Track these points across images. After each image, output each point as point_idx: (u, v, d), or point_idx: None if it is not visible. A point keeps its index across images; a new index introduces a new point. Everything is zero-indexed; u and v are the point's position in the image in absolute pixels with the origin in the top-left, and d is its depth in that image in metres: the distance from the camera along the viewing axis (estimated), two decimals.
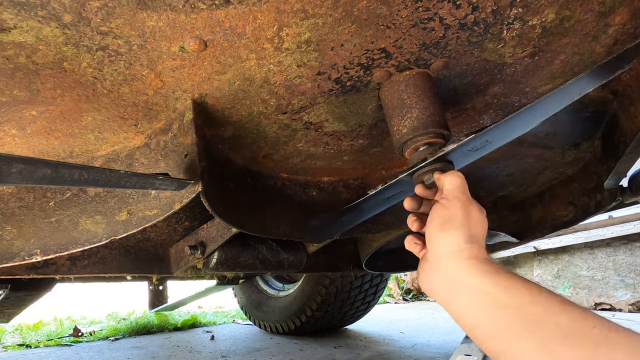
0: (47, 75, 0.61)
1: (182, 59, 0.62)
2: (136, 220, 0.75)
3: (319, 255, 1.49)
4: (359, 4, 0.57)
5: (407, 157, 0.74)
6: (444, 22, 0.63)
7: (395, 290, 4.85)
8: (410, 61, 0.70)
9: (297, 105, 0.77)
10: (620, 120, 0.93)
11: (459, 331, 2.43)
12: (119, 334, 2.67)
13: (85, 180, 0.53)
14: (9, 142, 0.75)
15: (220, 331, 2.75)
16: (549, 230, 1.39)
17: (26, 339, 2.46)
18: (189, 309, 3.64)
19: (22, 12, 0.51)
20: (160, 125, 0.77)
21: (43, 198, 0.83)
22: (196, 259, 1.05)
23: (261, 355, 1.92)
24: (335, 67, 0.69)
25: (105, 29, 0.55)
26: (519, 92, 0.85)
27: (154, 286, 2.68)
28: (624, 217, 3.07)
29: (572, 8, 0.65)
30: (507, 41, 0.69)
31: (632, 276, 3.00)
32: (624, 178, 1.10)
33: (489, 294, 0.51)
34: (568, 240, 3.31)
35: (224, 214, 0.79)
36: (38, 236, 0.79)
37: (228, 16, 0.56)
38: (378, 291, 2.26)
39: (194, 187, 0.68)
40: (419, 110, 0.70)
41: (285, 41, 0.62)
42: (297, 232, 1.02)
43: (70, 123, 0.73)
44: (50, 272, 0.99)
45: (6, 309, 1.41)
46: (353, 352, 1.95)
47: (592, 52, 0.77)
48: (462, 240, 0.56)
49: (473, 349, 1.78)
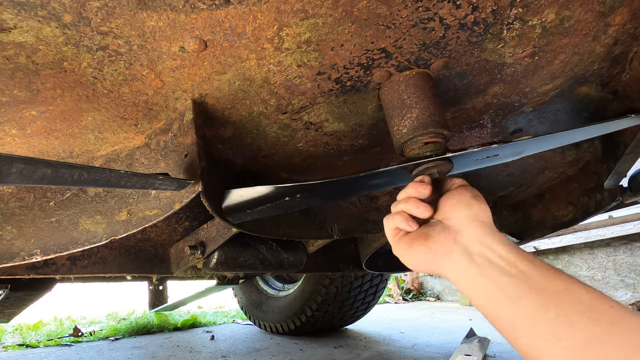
0: (47, 75, 0.61)
1: (182, 59, 0.62)
2: (136, 220, 0.75)
3: (319, 255, 1.50)
4: (359, 4, 0.57)
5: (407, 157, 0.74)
6: (444, 22, 0.63)
7: (395, 290, 4.85)
8: (410, 61, 0.70)
9: (297, 105, 0.77)
10: None
11: (459, 331, 2.43)
12: (119, 334, 2.67)
13: (85, 180, 0.53)
14: (9, 142, 0.75)
15: (220, 331, 2.75)
16: (549, 230, 1.39)
17: (26, 339, 2.46)
18: (189, 309, 3.64)
19: (22, 12, 0.51)
20: (160, 125, 0.77)
21: (43, 198, 0.83)
22: (196, 259, 1.05)
23: (261, 355, 1.92)
24: (335, 67, 0.69)
25: (105, 29, 0.55)
26: (519, 92, 0.85)
27: (154, 286, 2.68)
28: (624, 217, 3.07)
29: (572, 8, 0.65)
30: (507, 41, 0.69)
31: (632, 276, 3.00)
32: (624, 178, 1.10)
33: (519, 263, 0.52)
34: (568, 240, 3.31)
35: (224, 214, 0.79)
36: (38, 236, 0.79)
37: (228, 16, 0.56)
38: (378, 291, 2.26)
39: (194, 187, 0.68)
40: (419, 110, 0.71)
41: (285, 41, 0.62)
42: (296, 231, 1.02)
43: (70, 123, 0.73)
44: (50, 272, 0.99)
45: (6, 309, 1.41)
46: (353, 352, 1.95)
47: (592, 52, 0.77)
48: (490, 214, 0.60)
49: (473, 349, 1.78)
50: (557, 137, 0.75)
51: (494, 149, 0.67)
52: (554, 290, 0.47)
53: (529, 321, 0.47)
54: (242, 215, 0.76)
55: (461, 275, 0.56)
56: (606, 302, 0.44)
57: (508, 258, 0.53)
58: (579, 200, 1.28)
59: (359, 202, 1.20)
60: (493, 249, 0.55)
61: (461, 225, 0.59)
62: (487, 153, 0.69)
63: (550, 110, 0.96)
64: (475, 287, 0.54)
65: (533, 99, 0.89)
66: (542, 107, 0.93)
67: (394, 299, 4.69)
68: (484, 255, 0.55)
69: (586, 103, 0.95)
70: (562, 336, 0.44)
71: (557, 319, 0.45)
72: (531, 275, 0.50)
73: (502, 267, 0.52)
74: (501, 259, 0.53)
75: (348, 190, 0.72)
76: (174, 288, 3.03)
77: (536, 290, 0.48)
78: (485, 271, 0.53)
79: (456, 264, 0.57)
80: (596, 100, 0.95)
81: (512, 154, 0.74)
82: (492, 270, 0.53)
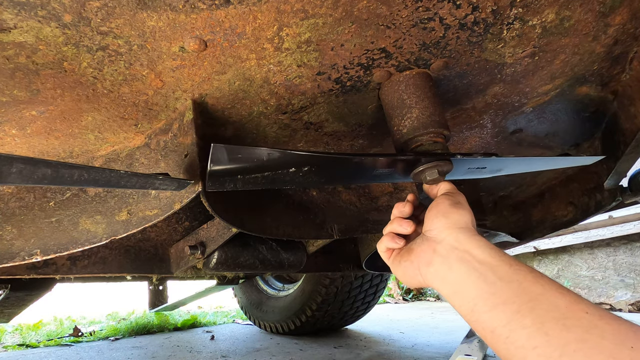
0: (47, 75, 0.61)
1: (182, 59, 0.62)
2: (136, 220, 0.75)
3: (319, 255, 1.50)
4: (359, 4, 0.57)
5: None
6: (444, 22, 0.63)
7: (395, 290, 4.85)
8: (410, 61, 0.70)
9: (297, 105, 0.77)
10: (620, 120, 0.93)
11: (459, 331, 2.43)
12: (119, 334, 2.67)
13: (85, 180, 0.53)
14: (9, 142, 0.75)
15: (220, 331, 2.75)
16: (549, 230, 1.39)
17: (26, 339, 2.46)
18: (189, 309, 3.64)
19: (22, 12, 0.51)
20: (160, 125, 0.77)
21: (43, 198, 0.83)
22: (196, 259, 1.05)
23: (261, 355, 1.92)
24: (335, 67, 0.69)
25: (106, 29, 0.55)
26: (519, 92, 0.85)
27: (154, 286, 2.68)
28: (624, 217, 3.07)
29: (572, 8, 0.65)
30: (507, 41, 0.69)
31: (632, 276, 3.00)
32: (624, 178, 1.10)
33: (496, 268, 0.52)
34: (568, 240, 3.31)
35: (224, 213, 0.79)
36: (38, 236, 0.79)
37: (228, 16, 0.56)
38: (378, 291, 2.26)
39: (194, 187, 0.68)
40: (419, 110, 0.71)
41: (285, 41, 0.62)
42: (296, 231, 1.02)
43: (70, 123, 0.73)
44: (50, 272, 0.99)
45: (6, 309, 1.41)
46: (353, 352, 1.95)
47: (592, 52, 0.77)
48: (470, 219, 0.60)
49: (473, 349, 1.78)
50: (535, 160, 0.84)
51: (485, 160, 0.69)
52: (530, 296, 0.48)
53: (506, 329, 0.48)
54: (228, 182, 0.61)
55: (443, 284, 0.57)
56: (582, 308, 0.45)
57: (486, 262, 0.53)
58: (579, 200, 1.28)
59: (359, 202, 1.20)
60: (472, 254, 0.55)
61: (440, 235, 0.60)
62: (480, 164, 0.71)
63: (550, 110, 0.96)
64: (457, 294, 0.55)
65: (533, 99, 0.89)
66: (542, 107, 0.93)
67: (394, 299, 4.69)
68: (463, 260, 0.55)
69: (586, 103, 0.95)
70: (537, 344, 0.44)
71: (532, 326, 0.46)
72: (508, 280, 0.50)
73: (480, 273, 0.53)
74: (480, 264, 0.54)
75: (353, 175, 0.70)
76: (174, 288, 3.03)
77: (512, 296, 0.49)
78: (464, 279, 0.54)
79: (437, 273, 0.58)
80: (596, 100, 0.95)
81: (496, 170, 0.77)
82: (470, 277, 0.53)
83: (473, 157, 0.68)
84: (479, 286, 0.52)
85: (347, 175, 0.70)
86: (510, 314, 0.48)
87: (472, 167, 0.72)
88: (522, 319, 0.47)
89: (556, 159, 0.85)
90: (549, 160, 0.88)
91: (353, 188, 1.17)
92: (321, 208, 1.11)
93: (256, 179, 0.62)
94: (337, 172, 0.68)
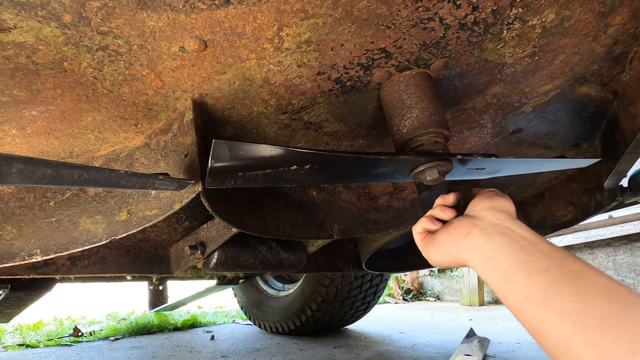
0: (47, 75, 0.61)
1: (182, 59, 0.62)
2: (136, 220, 0.75)
3: (319, 255, 1.50)
4: (359, 4, 0.57)
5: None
6: (444, 22, 0.63)
7: (395, 290, 4.85)
8: (410, 61, 0.70)
9: (297, 105, 0.77)
10: (620, 120, 0.93)
11: (459, 331, 2.43)
12: (119, 334, 2.67)
13: (85, 180, 0.53)
14: (9, 142, 0.75)
15: (220, 331, 2.75)
16: (549, 230, 1.39)
17: (26, 339, 2.46)
18: (189, 309, 3.64)
19: (22, 12, 0.51)
20: (160, 125, 0.77)
21: (43, 198, 0.83)
22: (196, 259, 1.05)
23: (261, 355, 1.92)
24: (335, 67, 0.69)
25: (105, 29, 0.55)
26: (519, 92, 0.85)
27: (154, 286, 2.68)
28: (624, 217, 3.07)
29: (572, 8, 0.65)
30: (507, 41, 0.69)
31: (632, 276, 3.00)
32: (624, 178, 1.10)
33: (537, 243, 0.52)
34: (568, 240, 3.31)
35: (224, 213, 0.79)
36: (38, 236, 0.79)
37: (228, 16, 0.56)
38: (378, 291, 2.26)
39: (194, 187, 0.68)
40: (419, 110, 0.71)
41: (285, 41, 0.62)
42: (296, 231, 1.02)
43: (70, 123, 0.73)
44: (50, 272, 0.99)
45: (6, 309, 1.41)
46: (353, 352, 1.95)
47: (592, 52, 0.77)
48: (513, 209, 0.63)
49: (473, 349, 1.78)
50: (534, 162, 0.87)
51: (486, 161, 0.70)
52: (570, 269, 0.47)
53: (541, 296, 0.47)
54: (229, 179, 0.60)
55: (477, 254, 0.57)
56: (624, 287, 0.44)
57: (527, 238, 0.54)
58: (579, 200, 1.28)
59: (359, 202, 1.20)
60: (512, 229, 0.56)
61: (482, 213, 0.61)
62: (478, 164, 0.71)
63: (550, 110, 0.96)
64: (490, 263, 0.55)
65: (533, 99, 0.89)
66: (542, 107, 0.93)
67: (394, 298, 4.69)
68: (503, 234, 0.56)
69: (586, 103, 0.95)
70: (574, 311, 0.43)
71: (569, 294, 0.44)
72: (548, 255, 0.50)
73: (520, 245, 0.53)
74: (521, 238, 0.54)
75: (354, 174, 0.69)
76: (174, 288, 3.03)
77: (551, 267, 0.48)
78: (501, 247, 0.54)
79: (474, 243, 0.58)
80: (596, 100, 0.95)
81: (495, 171, 0.77)
82: (509, 247, 0.54)
83: (473, 157, 0.68)
84: (517, 255, 0.52)
85: (348, 173, 0.69)
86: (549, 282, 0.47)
87: (472, 167, 0.72)
88: (561, 287, 0.46)
89: (553, 160, 0.85)
90: (547, 162, 0.88)
91: (353, 188, 1.17)
92: (321, 208, 1.11)
93: (257, 176, 0.61)
94: (338, 170, 0.68)
